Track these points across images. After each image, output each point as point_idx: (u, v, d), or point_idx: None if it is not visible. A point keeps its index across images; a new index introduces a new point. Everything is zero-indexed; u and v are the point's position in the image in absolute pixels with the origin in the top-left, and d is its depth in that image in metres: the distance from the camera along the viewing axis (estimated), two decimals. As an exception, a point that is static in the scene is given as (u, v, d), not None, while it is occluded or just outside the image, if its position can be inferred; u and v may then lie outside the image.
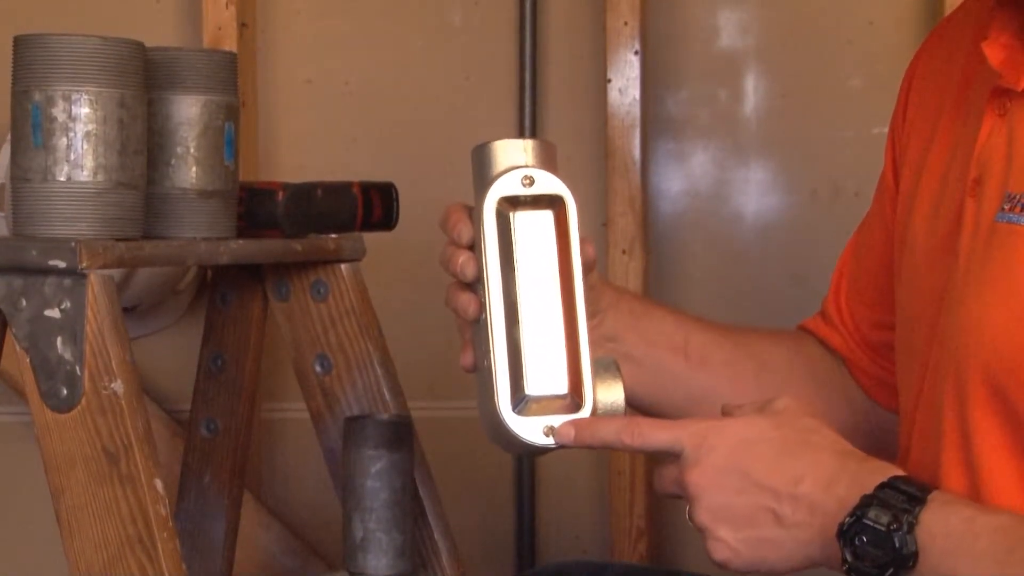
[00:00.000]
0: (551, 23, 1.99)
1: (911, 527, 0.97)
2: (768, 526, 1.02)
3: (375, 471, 1.32)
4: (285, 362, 1.52)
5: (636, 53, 1.90)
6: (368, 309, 1.44)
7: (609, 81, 1.91)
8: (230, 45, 1.91)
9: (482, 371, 1.05)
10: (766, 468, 1.02)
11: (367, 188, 1.45)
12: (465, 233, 1.09)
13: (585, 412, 1.03)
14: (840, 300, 1.30)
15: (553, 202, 1.05)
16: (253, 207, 1.38)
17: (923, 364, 1.12)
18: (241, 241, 1.34)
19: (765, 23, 1.97)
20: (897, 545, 0.96)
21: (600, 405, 1.04)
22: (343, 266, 1.43)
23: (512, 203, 1.04)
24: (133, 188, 1.22)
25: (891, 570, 0.97)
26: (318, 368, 1.44)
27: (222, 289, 1.51)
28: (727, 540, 1.02)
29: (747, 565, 1.03)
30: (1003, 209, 1.03)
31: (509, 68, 1.99)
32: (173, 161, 1.29)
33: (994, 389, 1.03)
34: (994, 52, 1.08)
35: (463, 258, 1.09)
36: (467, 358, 1.12)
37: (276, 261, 1.41)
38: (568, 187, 1.04)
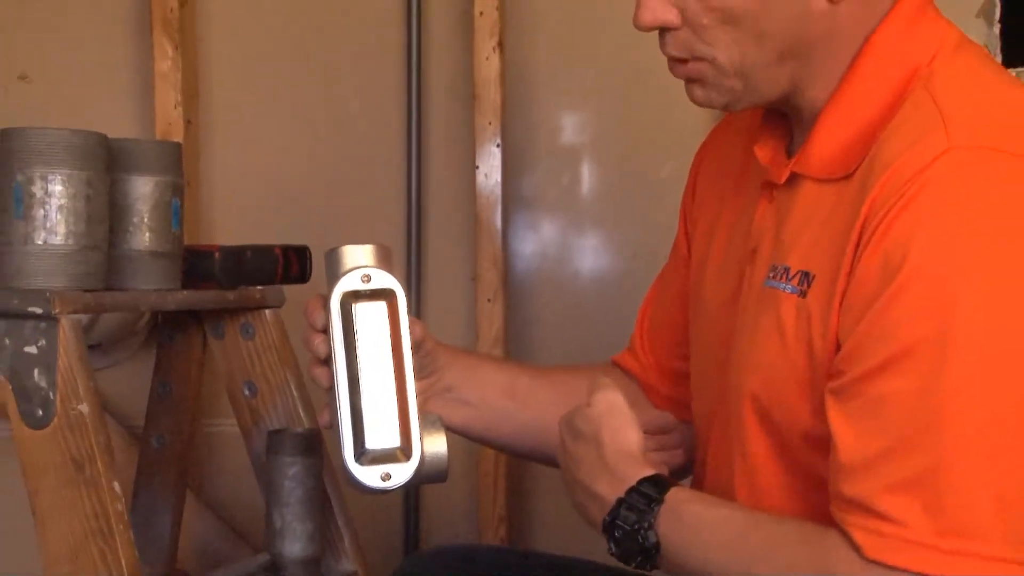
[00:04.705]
0: (432, 118, 1.98)
1: (651, 525, 0.99)
2: (576, 495, 1.07)
3: (292, 474, 1.31)
4: (220, 387, 1.50)
5: (498, 146, 1.90)
6: (287, 345, 1.43)
7: (477, 167, 1.91)
8: (177, 137, 1.89)
9: (334, 429, 1.05)
10: (572, 452, 1.07)
11: (287, 250, 1.45)
12: (319, 320, 1.09)
13: (414, 460, 1.03)
14: (644, 336, 1.30)
15: (387, 294, 1.05)
16: (195, 265, 1.37)
17: (716, 393, 1.13)
18: (185, 292, 1.33)
19: (598, 124, 1.99)
20: (641, 540, 0.99)
21: (426, 453, 1.04)
22: (267, 312, 1.43)
23: (354, 296, 1.04)
24: (97, 250, 1.20)
25: (639, 558, 1.00)
26: (246, 392, 1.43)
27: (169, 330, 1.50)
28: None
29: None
30: (769, 276, 1.04)
31: (399, 155, 1.99)
32: (130, 228, 1.28)
33: (761, 413, 1.04)
34: (763, 153, 1.09)
35: (317, 340, 1.10)
36: (324, 418, 1.12)
37: (213, 307, 1.41)
38: (399, 282, 1.05)
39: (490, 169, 1.90)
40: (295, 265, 1.45)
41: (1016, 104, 0.98)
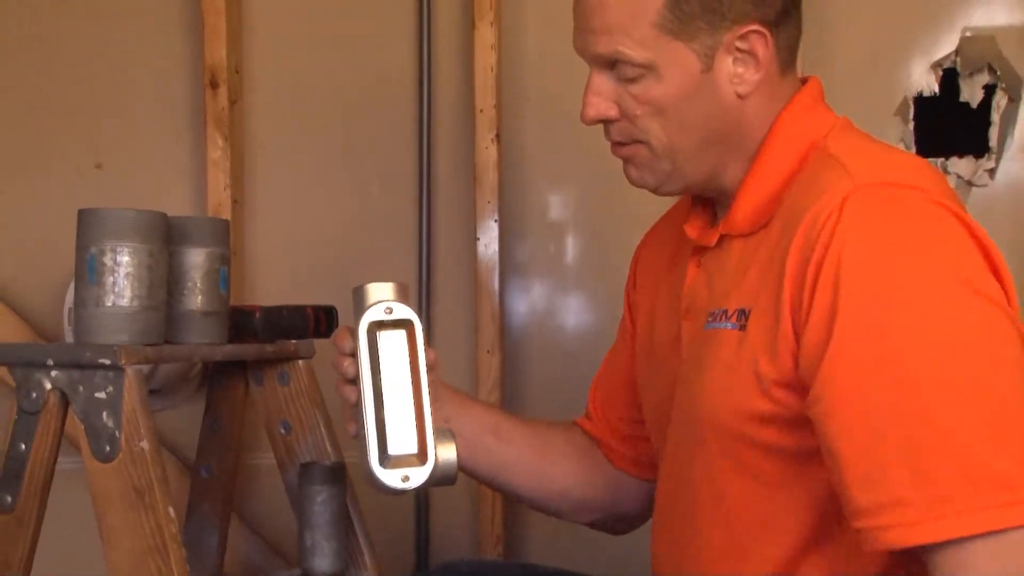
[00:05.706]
0: (440, 197, 1.99)
1: None
2: None
3: (320, 500, 1.31)
4: (260, 426, 1.49)
5: (496, 220, 1.91)
6: (316, 390, 1.43)
7: (478, 239, 1.92)
8: (226, 214, 1.90)
9: (360, 439, 1.04)
10: None
11: (317, 309, 1.45)
12: (347, 346, 1.10)
13: (429, 465, 1.02)
14: (596, 406, 1.32)
15: (406, 324, 1.05)
16: (239, 322, 1.37)
17: (668, 436, 1.14)
18: (231, 345, 1.34)
19: (580, 202, 2.01)
20: None
21: (440, 460, 1.03)
22: (300, 362, 1.43)
23: (378, 325, 1.04)
24: (157, 310, 1.21)
25: None
26: (282, 430, 1.43)
27: (217, 377, 1.50)
28: None
29: None
30: (709, 320, 1.05)
31: (411, 229, 1.99)
32: (185, 291, 1.29)
33: (717, 436, 1.04)
34: (692, 229, 1.13)
35: (346, 363, 1.10)
36: (351, 429, 1.11)
37: (254, 358, 1.41)
38: (416, 313, 1.05)
39: (489, 240, 1.91)
40: (324, 322, 1.45)
41: (899, 155, 1.05)
